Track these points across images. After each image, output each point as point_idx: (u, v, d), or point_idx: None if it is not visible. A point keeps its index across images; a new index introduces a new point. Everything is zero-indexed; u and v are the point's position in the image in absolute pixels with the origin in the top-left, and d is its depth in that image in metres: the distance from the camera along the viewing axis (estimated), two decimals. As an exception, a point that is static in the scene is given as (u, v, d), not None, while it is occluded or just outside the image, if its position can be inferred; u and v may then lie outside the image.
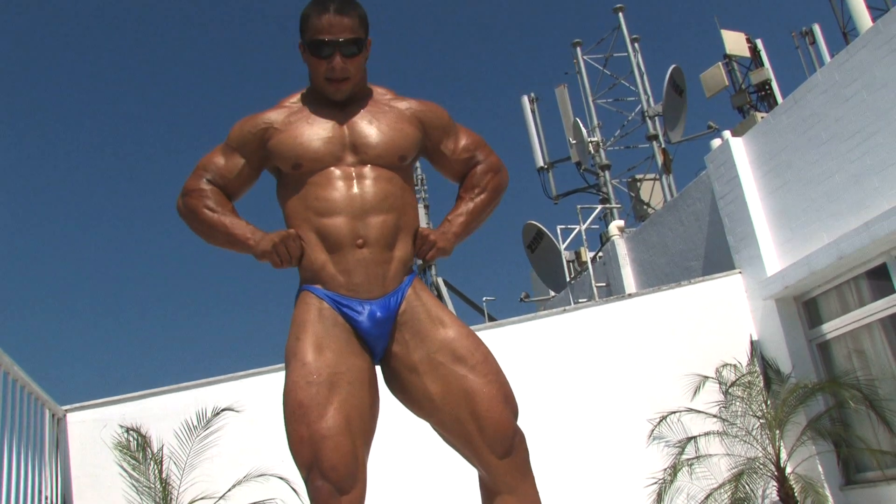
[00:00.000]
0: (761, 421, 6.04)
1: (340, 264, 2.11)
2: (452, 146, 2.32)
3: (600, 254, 10.71)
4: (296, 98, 2.26)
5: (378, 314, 2.11)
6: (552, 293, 12.32)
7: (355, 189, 2.12)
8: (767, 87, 10.48)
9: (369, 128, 2.17)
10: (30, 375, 4.46)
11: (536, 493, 2.12)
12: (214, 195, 2.21)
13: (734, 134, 7.84)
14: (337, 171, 2.13)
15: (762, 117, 8.02)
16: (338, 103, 2.21)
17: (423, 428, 2.25)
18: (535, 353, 6.39)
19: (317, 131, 2.15)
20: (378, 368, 2.23)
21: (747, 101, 10.51)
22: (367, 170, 2.14)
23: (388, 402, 2.24)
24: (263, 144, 2.19)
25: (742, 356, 6.47)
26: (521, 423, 2.07)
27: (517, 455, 2.09)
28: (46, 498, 4.89)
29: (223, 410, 4.95)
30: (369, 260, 2.10)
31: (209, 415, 4.97)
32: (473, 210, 2.30)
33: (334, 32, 2.11)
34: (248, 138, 2.22)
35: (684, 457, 6.01)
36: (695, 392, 6.18)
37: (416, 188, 15.08)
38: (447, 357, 2.11)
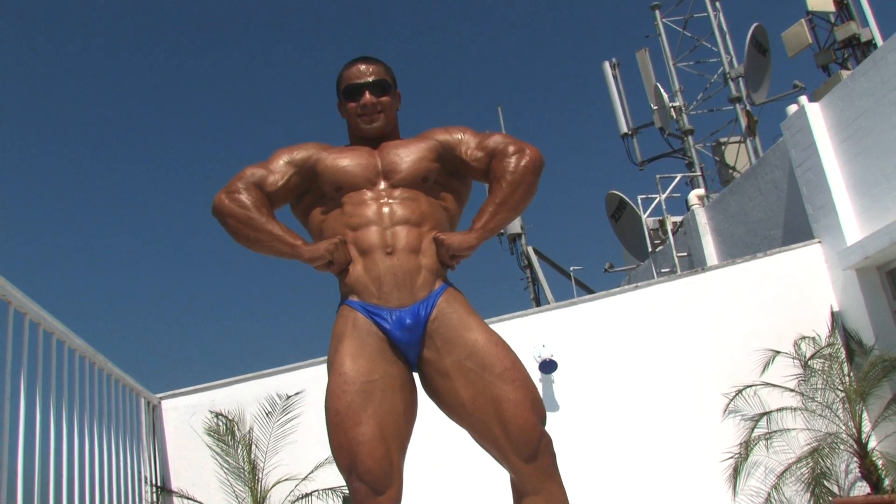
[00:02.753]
0: (842, 395, 5.93)
1: (372, 272, 2.29)
2: (467, 149, 2.48)
3: (681, 224, 10.56)
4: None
5: (407, 321, 2.27)
6: (635, 263, 12.24)
7: (385, 207, 2.36)
8: (855, 41, 10.02)
9: (397, 156, 2.44)
10: (124, 370, 4.81)
11: (563, 493, 2.23)
12: (262, 200, 2.41)
13: (818, 94, 7.60)
14: (370, 193, 2.39)
15: (848, 75, 7.73)
16: (373, 143, 2.50)
17: (460, 431, 2.39)
18: (609, 329, 6.44)
19: (355, 160, 2.42)
20: (417, 374, 2.39)
21: (833, 59, 10.10)
22: (397, 192, 2.39)
23: (426, 405, 2.39)
24: (312, 166, 2.44)
25: (821, 328, 6.34)
26: (601, 397, 2.14)
27: (543, 458, 2.20)
28: (146, 479, 5.28)
29: (295, 394, 5.23)
30: (398, 267, 2.29)
31: (283, 400, 5.27)
32: (500, 201, 2.39)
33: (363, 76, 2.47)
34: (297, 157, 2.48)
35: (760, 431, 5.98)
36: (765, 366, 6.11)
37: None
38: (476, 364, 2.24)
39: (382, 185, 2.39)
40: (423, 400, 2.37)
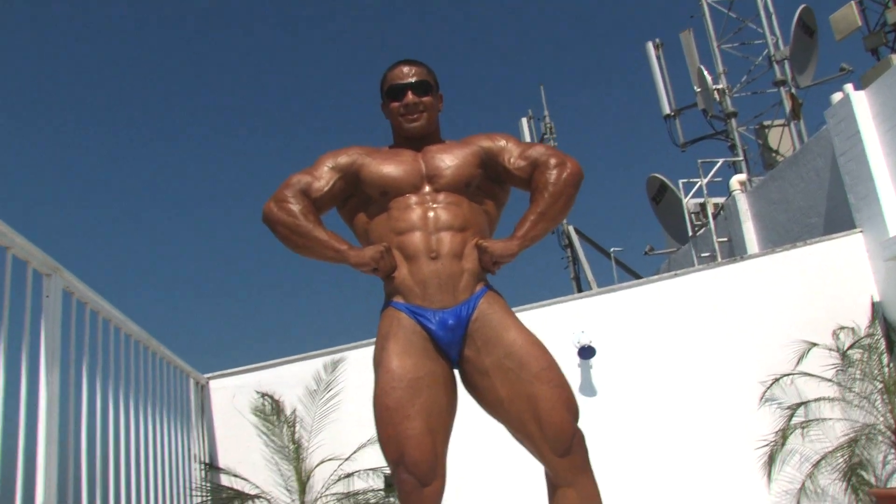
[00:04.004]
0: (880, 386, 5.93)
1: (417, 276, 2.40)
2: (509, 157, 2.57)
3: (722, 208, 10.51)
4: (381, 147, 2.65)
5: (449, 321, 2.39)
6: (676, 247, 12.21)
7: (430, 212, 2.46)
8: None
9: (441, 161, 2.52)
10: (174, 352, 5.00)
11: (594, 486, 2.34)
12: (309, 207, 2.50)
13: (866, 79, 7.50)
14: (414, 198, 2.48)
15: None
16: (415, 143, 2.56)
17: (498, 426, 2.51)
18: (648, 316, 6.50)
19: (400, 165, 2.51)
20: (457, 371, 2.51)
21: (883, 42, 9.91)
22: (441, 196, 2.48)
23: (466, 401, 2.51)
24: (356, 171, 2.53)
25: (861, 319, 6.34)
26: (638, 383, 2.17)
27: (576, 454, 2.31)
28: (195, 456, 5.50)
29: (339, 374, 5.39)
30: (441, 271, 2.39)
31: (328, 374, 5.44)
32: (541, 211, 2.48)
33: (405, 77, 2.55)
34: (342, 162, 2.57)
35: (797, 420, 6.01)
36: (803, 356, 6.12)
37: (546, 137, 15.07)
38: (514, 363, 2.35)
39: (427, 189, 2.48)
40: (463, 396, 2.49)
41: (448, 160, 2.52)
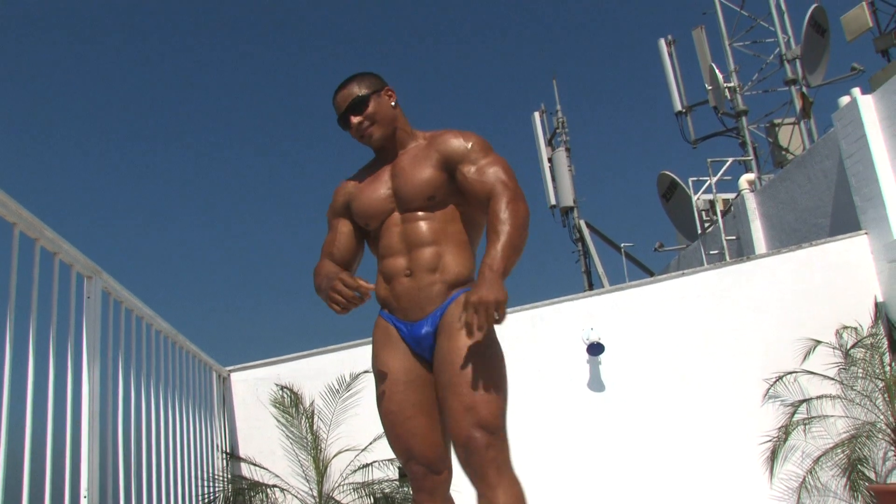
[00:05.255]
0: (881, 384, 6.09)
1: (394, 292, 2.55)
2: (468, 169, 2.52)
3: (730, 206, 10.66)
4: (369, 160, 2.77)
5: (422, 331, 2.51)
6: (685, 244, 12.36)
7: (404, 232, 2.55)
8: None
9: (403, 179, 2.58)
10: (198, 346, 5.22)
11: (495, 494, 2.31)
12: (327, 266, 2.62)
13: (876, 80, 7.63)
14: (389, 221, 2.59)
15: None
16: (387, 157, 2.67)
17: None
18: (656, 314, 6.67)
19: (373, 194, 2.61)
20: None
21: (893, 43, 10.01)
22: (410, 214, 2.56)
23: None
24: (349, 208, 2.69)
25: (864, 319, 6.49)
26: (645, 379, 2.15)
27: (477, 465, 2.31)
28: (217, 446, 5.72)
29: (361, 374, 5.59)
30: (414, 287, 2.51)
31: (349, 378, 5.64)
32: (507, 244, 2.35)
33: (339, 109, 2.62)
34: (338, 207, 2.73)
35: (799, 416, 6.18)
36: (806, 354, 6.28)
37: (558, 131, 15.17)
38: (438, 367, 2.46)
39: (397, 211, 2.57)
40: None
41: (410, 177, 2.55)
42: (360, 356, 5.99)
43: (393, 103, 2.62)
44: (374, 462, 5.61)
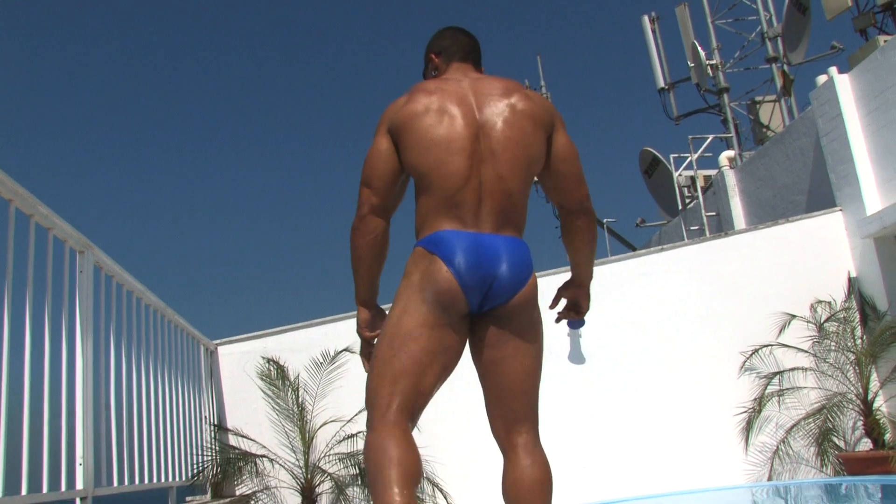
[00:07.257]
0: (853, 357, 6.27)
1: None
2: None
3: (711, 184, 10.81)
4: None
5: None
6: (666, 219, 12.52)
7: None
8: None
9: None
10: (186, 320, 5.31)
11: None
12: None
13: (854, 59, 7.75)
14: None
15: (885, 41, 7.85)
16: None
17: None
18: (635, 288, 6.81)
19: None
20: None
21: (871, 23, 10.13)
22: None
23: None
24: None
25: (838, 294, 6.67)
26: (625, 351, 2.18)
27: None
28: (205, 418, 5.83)
29: (343, 351, 5.71)
30: None
31: (332, 353, 5.76)
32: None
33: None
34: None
35: (773, 388, 6.36)
36: (782, 328, 6.45)
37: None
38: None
39: None
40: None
41: None
42: (344, 330, 6.11)
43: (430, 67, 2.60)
44: (360, 433, 5.74)
